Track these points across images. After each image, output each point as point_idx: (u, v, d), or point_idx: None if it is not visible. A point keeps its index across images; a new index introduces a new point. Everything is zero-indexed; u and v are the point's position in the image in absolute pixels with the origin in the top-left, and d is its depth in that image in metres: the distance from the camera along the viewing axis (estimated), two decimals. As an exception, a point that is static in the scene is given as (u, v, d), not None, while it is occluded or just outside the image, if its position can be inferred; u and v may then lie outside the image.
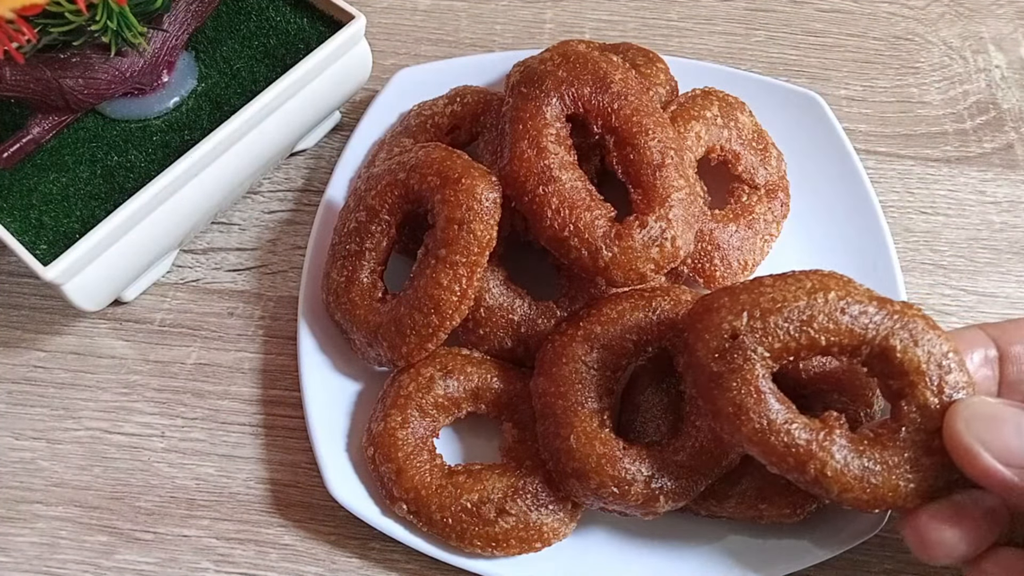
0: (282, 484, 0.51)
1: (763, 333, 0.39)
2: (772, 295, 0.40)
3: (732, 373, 0.40)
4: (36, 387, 0.54)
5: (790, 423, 0.39)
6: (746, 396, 0.39)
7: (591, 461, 0.44)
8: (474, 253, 0.46)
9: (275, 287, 0.57)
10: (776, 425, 0.39)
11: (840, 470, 0.39)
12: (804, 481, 0.40)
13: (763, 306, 0.40)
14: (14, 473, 0.51)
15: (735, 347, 0.40)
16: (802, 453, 0.39)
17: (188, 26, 0.52)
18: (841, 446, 0.39)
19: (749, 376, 0.40)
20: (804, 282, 0.40)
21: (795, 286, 0.40)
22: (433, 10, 0.68)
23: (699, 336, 0.41)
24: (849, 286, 0.40)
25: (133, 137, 0.52)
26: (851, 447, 0.40)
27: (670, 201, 0.46)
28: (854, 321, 0.40)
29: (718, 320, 0.40)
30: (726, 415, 0.40)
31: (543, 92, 0.47)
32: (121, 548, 0.49)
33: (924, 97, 0.64)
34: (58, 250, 0.47)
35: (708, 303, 0.42)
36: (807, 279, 0.41)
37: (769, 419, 0.39)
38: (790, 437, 0.39)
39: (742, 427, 0.40)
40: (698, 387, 0.41)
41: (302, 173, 0.61)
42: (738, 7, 0.68)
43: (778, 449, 0.39)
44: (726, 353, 0.40)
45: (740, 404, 0.40)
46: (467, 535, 0.46)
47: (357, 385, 0.52)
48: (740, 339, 0.40)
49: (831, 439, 0.39)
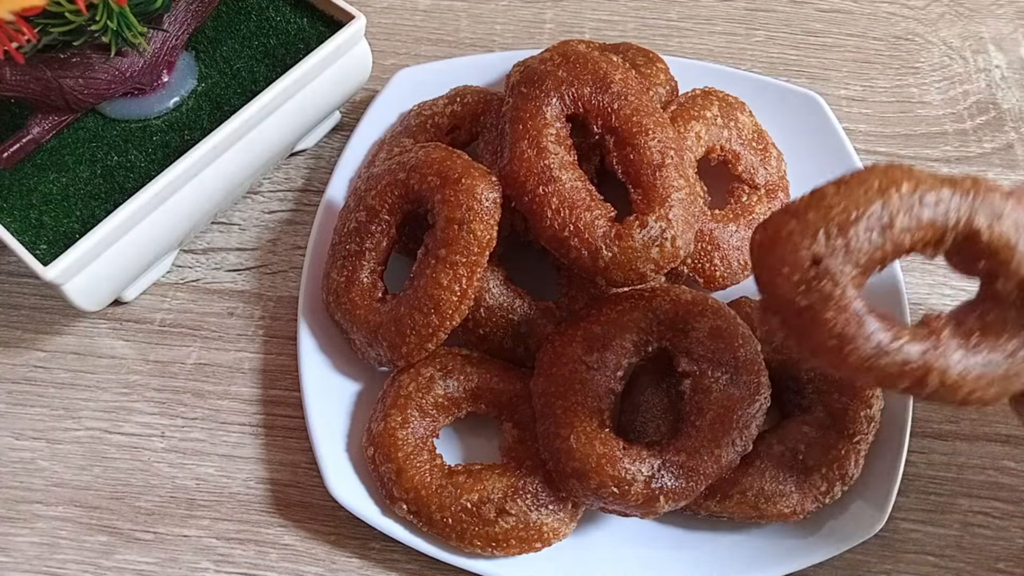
0: (282, 484, 0.51)
1: (847, 250, 0.35)
2: (844, 204, 0.35)
3: (825, 303, 0.35)
4: (36, 387, 0.54)
5: (897, 339, 0.36)
6: (846, 324, 0.35)
7: (591, 461, 0.44)
8: (474, 253, 0.46)
9: (275, 287, 0.57)
10: (885, 346, 0.35)
11: (962, 374, 0.36)
12: (923, 394, 0.37)
13: (838, 220, 0.35)
14: (14, 473, 0.51)
15: (821, 273, 0.35)
16: (918, 368, 0.36)
17: (188, 26, 0.52)
18: (955, 348, 0.36)
19: (844, 302, 0.35)
20: (870, 181, 0.36)
21: (862, 188, 0.36)
22: (433, 10, 0.68)
23: (775, 272, 0.36)
24: (914, 174, 0.36)
25: (133, 137, 0.52)
26: (965, 346, 0.36)
27: (670, 201, 0.46)
28: (934, 211, 0.36)
29: (793, 248, 0.35)
30: (829, 349, 0.36)
31: (543, 92, 0.47)
32: (121, 548, 0.49)
33: (924, 97, 0.64)
34: (58, 250, 0.47)
35: (774, 232, 0.36)
36: (872, 177, 0.36)
37: (877, 342, 0.35)
38: (902, 355, 0.35)
39: (849, 358, 0.35)
40: (787, 327, 0.36)
41: (302, 173, 0.61)
42: (738, 7, 0.68)
43: (892, 372, 0.36)
44: (812, 282, 0.35)
45: (842, 334, 0.35)
46: (467, 535, 0.46)
47: (357, 385, 0.52)
48: (824, 264, 0.35)
49: (943, 344, 0.36)
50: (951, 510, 0.50)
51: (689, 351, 0.47)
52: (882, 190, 0.36)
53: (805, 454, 0.47)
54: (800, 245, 0.35)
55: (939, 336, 0.36)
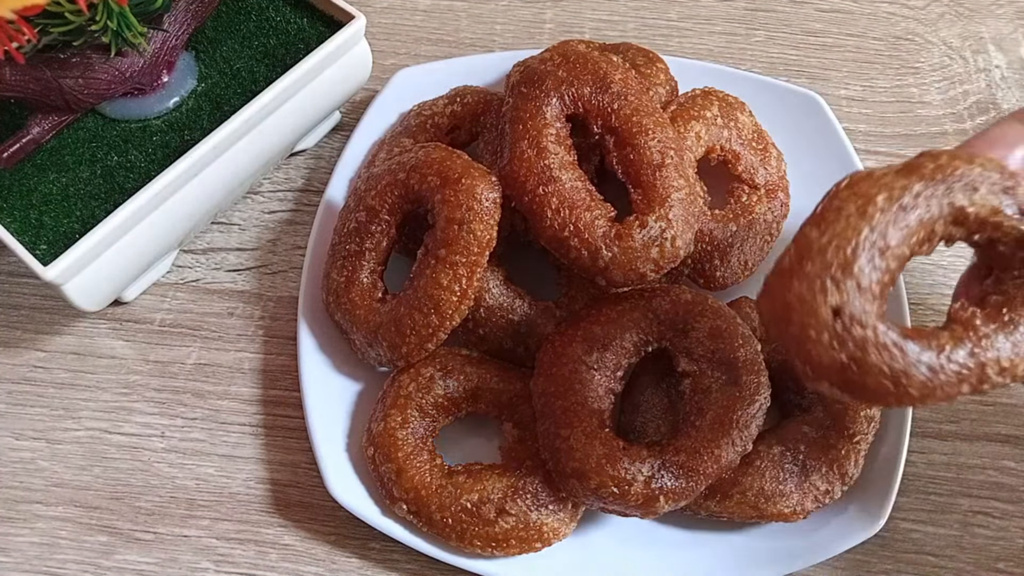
0: (282, 484, 0.51)
1: (859, 288, 0.34)
2: (835, 243, 0.34)
3: (864, 348, 0.34)
4: (36, 387, 0.54)
5: (942, 350, 0.35)
6: (892, 360, 0.34)
7: (591, 461, 0.44)
8: (474, 253, 0.46)
9: (275, 287, 0.57)
10: (935, 364, 0.34)
11: (1014, 353, 0.35)
12: (987, 390, 0.36)
13: (838, 262, 0.34)
14: (14, 473, 0.51)
15: (847, 322, 0.34)
16: (974, 369, 0.35)
17: (188, 26, 0.52)
18: (995, 332, 0.35)
19: (880, 339, 0.34)
20: (846, 208, 0.35)
21: (842, 219, 0.35)
22: (433, 10, 0.68)
23: (804, 340, 0.34)
24: (879, 180, 0.36)
25: (133, 137, 0.52)
26: (1002, 325, 0.35)
27: (670, 201, 0.46)
28: (917, 212, 0.35)
29: (809, 310, 0.34)
30: (888, 392, 0.34)
31: (543, 92, 0.47)
32: (121, 548, 0.49)
33: (924, 97, 0.64)
34: (58, 250, 0.47)
35: (781, 300, 0.35)
36: (846, 203, 0.35)
37: (927, 364, 0.34)
38: (954, 364, 0.35)
39: (910, 391, 0.34)
40: (839, 387, 0.35)
41: (302, 173, 0.61)
42: (738, 7, 0.68)
43: (952, 384, 0.35)
44: (843, 335, 0.34)
45: (893, 371, 0.34)
46: (467, 535, 0.46)
47: (357, 385, 0.52)
48: (846, 311, 0.34)
49: (982, 334, 0.35)
50: (951, 510, 0.50)
51: (689, 351, 0.47)
52: (861, 212, 0.35)
53: (805, 454, 0.47)
54: (815, 304, 0.34)
55: (974, 327, 0.36)
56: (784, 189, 0.55)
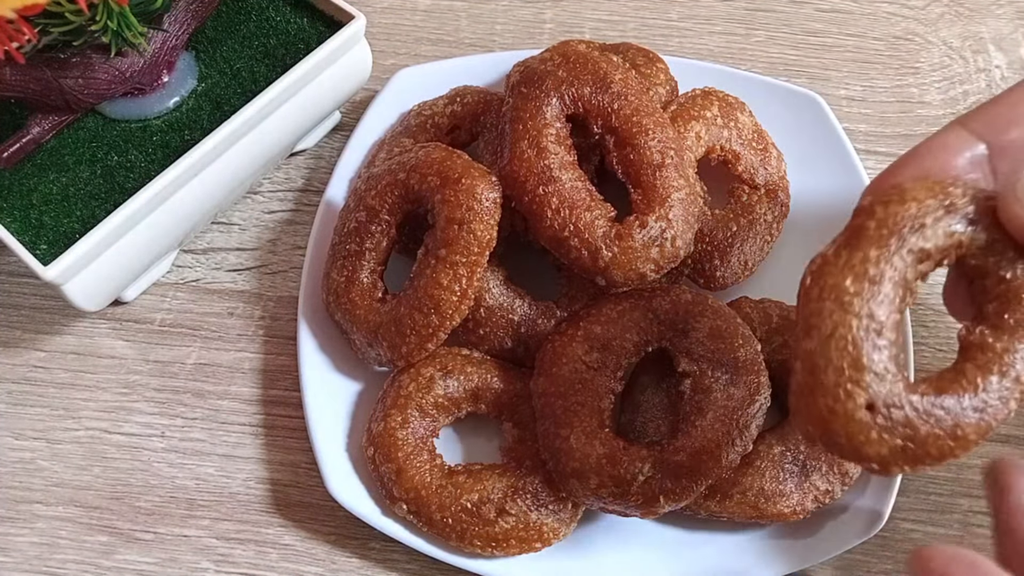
0: (282, 484, 0.51)
1: (877, 375, 0.34)
2: (835, 348, 0.34)
3: (912, 426, 0.34)
4: (36, 387, 0.54)
5: (976, 387, 0.34)
6: (943, 423, 0.34)
7: (591, 461, 0.44)
8: (474, 253, 0.46)
9: (275, 287, 0.57)
10: (980, 405, 0.34)
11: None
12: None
13: (848, 363, 0.34)
14: (14, 473, 0.51)
15: (886, 412, 0.34)
16: (1014, 390, 0.35)
17: (188, 26, 0.52)
18: (1010, 344, 0.35)
19: (922, 410, 0.34)
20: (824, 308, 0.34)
21: (828, 321, 0.34)
22: (433, 10, 0.68)
23: (856, 447, 0.34)
24: (841, 263, 0.35)
25: (133, 137, 0.52)
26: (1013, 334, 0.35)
27: (670, 201, 0.46)
28: (891, 280, 0.34)
29: (846, 418, 0.34)
30: (951, 451, 0.35)
31: (543, 92, 0.47)
32: (121, 548, 0.49)
33: (924, 97, 0.64)
34: (58, 250, 0.47)
35: (815, 415, 0.34)
36: (821, 303, 0.35)
37: (973, 409, 0.34)
38: (995, 396, 0.34)
39: (970, 441, 0.35)
40: (909, 466, 0.35)
41: (302, 173, 0.61)
42: (738, 7, 0.68)
43: (1001, 415, 0.35)
44: (887, 426, 0.34)
45: (949, 432, 0.34)
46: (467, 535, 0.46)
47: (357, 385, 0.52)
48: (880, 402, 0.34)
49: (1005, 352, 0.35)
50: (951, 510, 0.50)
51: (689, 351, 0.47)
52: (841, 305, 0.34)
53: (805, 454, 0.47)
54: (849, 411, 0.34)
55: (990, 347, 0.35)
56: (784, 189, 0.55)
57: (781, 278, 0.54)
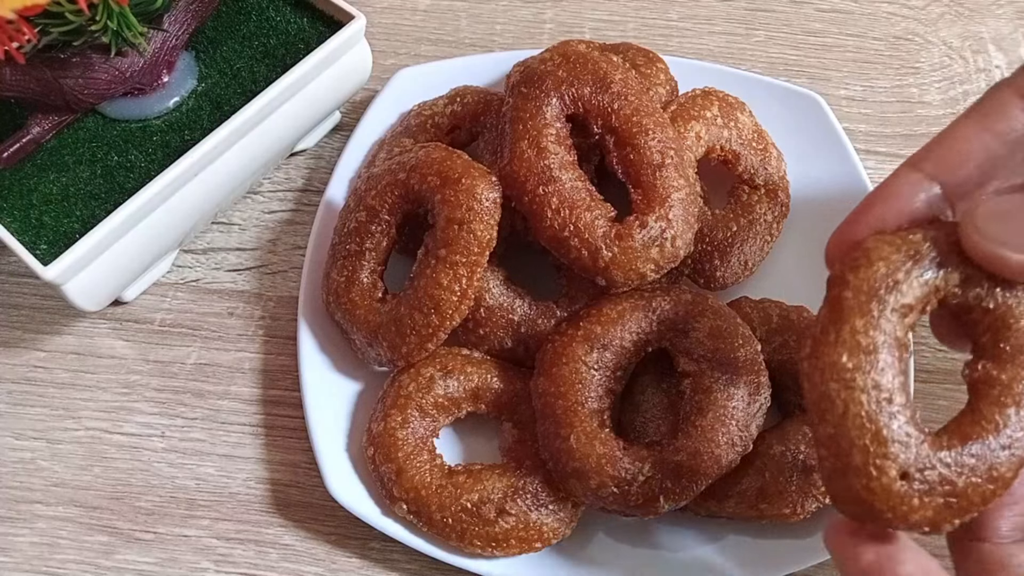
0: (282, 484, 0.51)
1: (903, 444, 0.34)
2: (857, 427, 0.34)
3: (950, 482, 0.34)
4: (36, 387, 0.54)
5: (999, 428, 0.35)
6: (976, 471, 0.34)
7: (591, 461, 0.44)
8: (474, 253, 0.46)
9: (275, 287, 0.57)
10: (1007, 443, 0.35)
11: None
12: None
13: (871, 439, 0.34)
14: (14, 473, 0.51)
15: (920, 476, 0.34)
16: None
17: (188, 26, 0.52)
18: (1015, 371, 0.35)
19: (954, 463, 0.34)
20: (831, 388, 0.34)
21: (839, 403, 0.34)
22: (433, 10, 0.68)
23: (905, 515, 0.34)
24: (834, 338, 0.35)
25: (133, 137, 0.52)
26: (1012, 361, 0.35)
27: (670, 201, 0.46)
28: (886, 345, 0.35)
29: (887, 493, 0.34)
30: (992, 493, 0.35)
31: (543, 92, 0.47)
32: (121, 548, 0.49)
33: (924, 97, 0.64)
34: (58, 250, 0.47)
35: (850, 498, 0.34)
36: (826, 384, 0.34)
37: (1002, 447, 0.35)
38: (1018, 430, 0.35)
39: (1008, 479, 0.35)
40: (958, 518, 0.35)
41: (302, 173, 0.61)
42: (738, 7, 0.68)
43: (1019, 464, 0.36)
44: (923, 488, 0.34)
45: (986, 478, 0.35)
46: (467, 535, 0.46)
47: (357, 385, 0.52)
48: (912, 470, 0.34)
49: (1012, 382, 0.35)
50: (951, 510, 0.50)
51: (689, 351, 0.47)
52: (849, 385, 0.34)
53: (805, 454, 0.47)
54: (885, 486, 0.34)
55: (996, 380, 0.36)
56: (784, 189, 0.55)
57: (781, 278, 0.54)
